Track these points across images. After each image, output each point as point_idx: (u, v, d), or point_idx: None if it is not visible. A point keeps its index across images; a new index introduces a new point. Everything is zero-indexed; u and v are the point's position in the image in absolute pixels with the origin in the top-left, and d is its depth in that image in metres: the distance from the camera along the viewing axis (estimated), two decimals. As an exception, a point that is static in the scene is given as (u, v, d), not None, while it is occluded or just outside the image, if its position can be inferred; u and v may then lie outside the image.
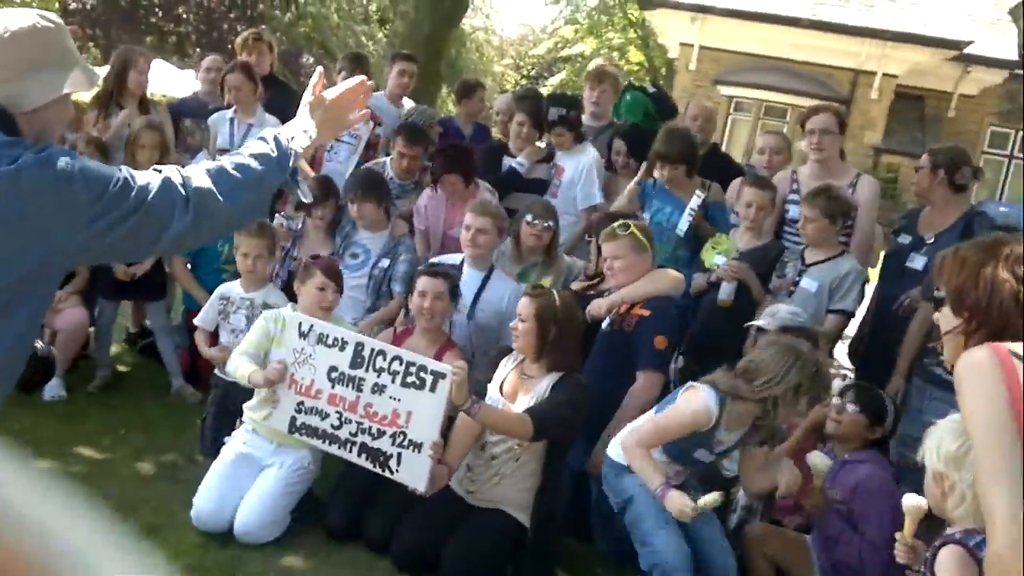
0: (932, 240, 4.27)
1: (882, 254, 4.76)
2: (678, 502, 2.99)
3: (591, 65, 6.53)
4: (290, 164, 1.92)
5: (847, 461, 3.31)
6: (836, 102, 15.02)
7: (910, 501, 2.44)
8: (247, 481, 3.61)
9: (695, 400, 3.16)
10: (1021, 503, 1.69)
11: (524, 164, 5.10)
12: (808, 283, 4.18)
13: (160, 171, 1.79)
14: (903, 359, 4.11)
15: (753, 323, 3.92)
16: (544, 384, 3.43)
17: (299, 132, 1.97)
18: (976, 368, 1.81)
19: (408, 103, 6.10)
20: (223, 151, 5.27)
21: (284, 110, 5.73)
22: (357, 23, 25.09)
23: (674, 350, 3.94)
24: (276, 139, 1.93)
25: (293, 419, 3.51)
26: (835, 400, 3.48)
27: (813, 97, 14.90)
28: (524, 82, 33.08)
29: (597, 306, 3.88)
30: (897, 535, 2.45)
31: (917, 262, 4.30)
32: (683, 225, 4.47)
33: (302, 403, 3.49)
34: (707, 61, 17.36)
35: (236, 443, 3.73)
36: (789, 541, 3.42)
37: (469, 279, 4.23)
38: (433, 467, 3.31)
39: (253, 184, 1.86)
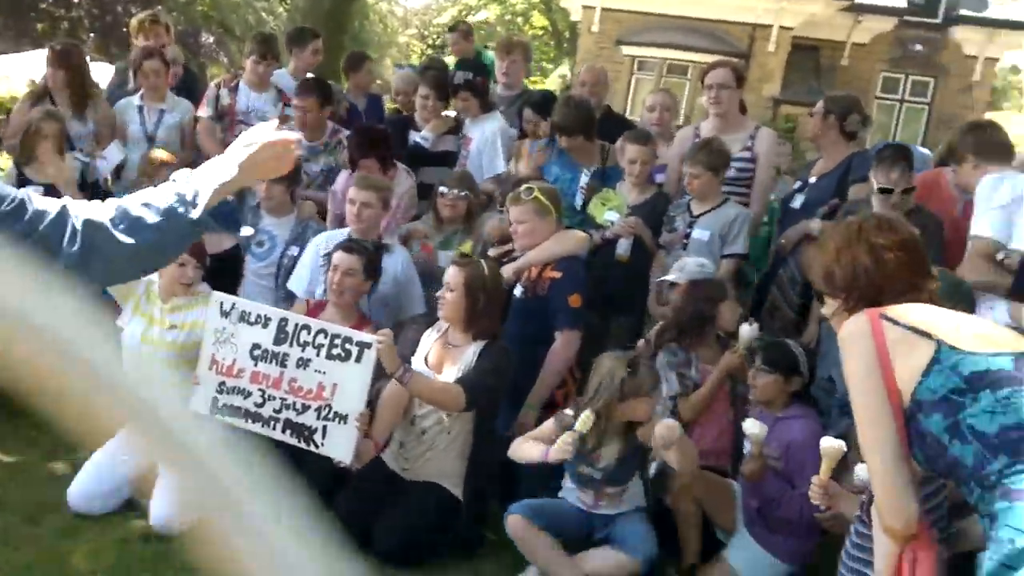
0: (814, 180, 4.45)
1: None
2: (558, 446, 3.16)
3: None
4: (200, 203, 1.78)
5: (780, 419, 3.38)
6: (735, 56, 15.30)
7: (827, 444, 2.57)
8: (127, 464, 3.51)
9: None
10: (894, 467, 1.81)
11: (428, 137, 5.08)
12: (700, 233, 4.31)
13: (61, 202, 1.71)
14: (815, 307, 4.23)
15: (664, 279, 4.01)
16: (470, 352, 3.47)
17: (219, 170, 1.83)
18: (851, 336, 1.91)
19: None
20: (149, 140, 5.12)
21: (186, 92, 5.62)
22: (257, -1, 24.42)
23: (590, 307, 4.00)
24: (190, 178, 1.82)
25: (215, 400, 3.49)
26: (748, 365, 3.54)
27: (713, 53, 15.15)
28: (430, 52, 32.70)
29: (505, 271, 3.93)
30: (813, 478, 2.55)
31: (796, 201, 4.52)
32: (579, 200, 4.55)
33: (223, 383, 3.48)
34: (609, 22, 17.48)
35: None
36: (713, 485, 3.52)
37: None
38: (359, 439, 3.31)
39: (160, 224, 1.75)
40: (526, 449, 3.34)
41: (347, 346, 3.32)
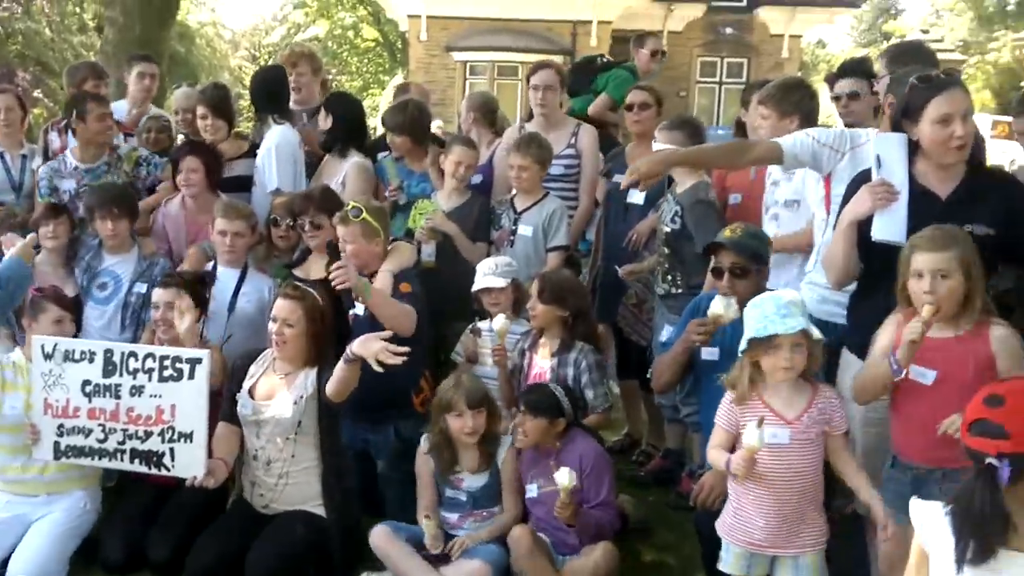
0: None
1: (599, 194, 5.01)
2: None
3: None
4: None
5: (561, 450, 3.48)
6: (561, 54, 15.86)
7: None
8: (16, 541, 3.44)
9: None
10: None
11: None
12: (525, 229, 4.47)
13: None
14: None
15: (483, 287, 4.05)
16: (302, 376, 3.48)
17: None
18: None
19: (154, 109, 5.77)
20: (16, 190, 4.94)
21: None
22: (73, 34, 23.19)
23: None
24: None
25: (56, 444, 3.46)
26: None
27: (540, 52, 15.60)
28: (263, 73, 31.99)
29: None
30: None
31: (637, 197, 4.62)
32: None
33: (62, 425, 3.45)
34: (436, 30, 17.73)
35: None
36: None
37: (225, 277, 4.21)
38: (206, 454, 3.35)
39: None
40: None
41: (178, 365, 3.35)
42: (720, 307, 3.26)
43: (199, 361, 3.32)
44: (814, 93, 4.10)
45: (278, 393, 3.51)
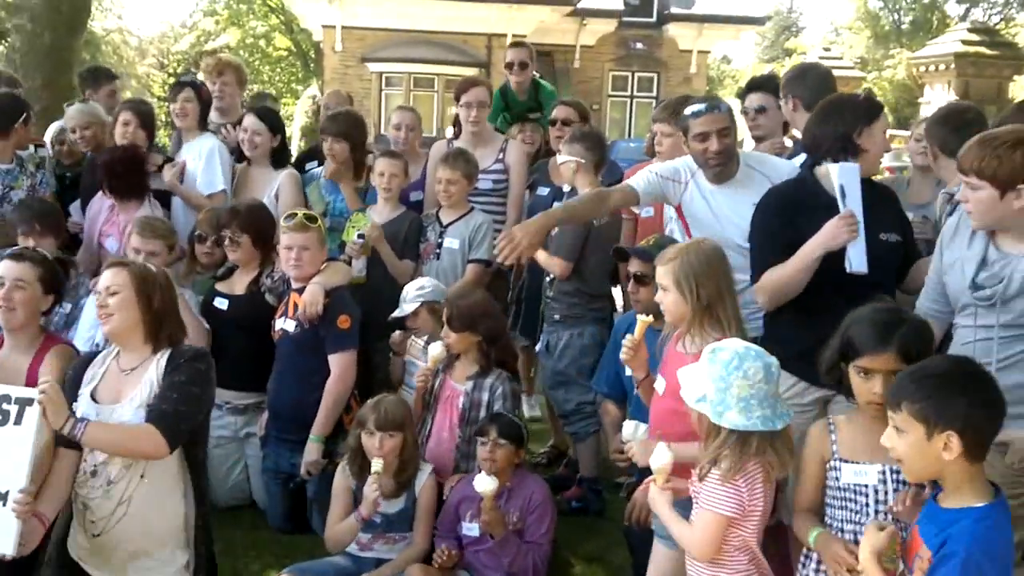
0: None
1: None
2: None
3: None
4: None
5: (511, 489, 3.45)
6: (476, 66, 16.05)
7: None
8: None
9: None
10: None
11: None
12: (451, 242, 4.51)
13: None
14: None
15: (392, 317, 4.07)
16: (152, 368, 2.82)
17: None
18: None
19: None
20: None
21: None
22: (-32, 43, 22.22)
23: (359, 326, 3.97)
24: None
25: None
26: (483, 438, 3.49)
27: (456, 65, 15.84)
28: (171, 81, 31.29)
29: (313, 303, 3.80)
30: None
31: None
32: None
33: None
34: (352, 40, 17.67)
35: None
36: None
37: None
38: (22, 522, 2.57)
39: None
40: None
41: (3, 406, 2.59)
42: (628, 433, 3.07)
43: (29, 403, 2.57)
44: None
45: (124, 392, 2.83)
